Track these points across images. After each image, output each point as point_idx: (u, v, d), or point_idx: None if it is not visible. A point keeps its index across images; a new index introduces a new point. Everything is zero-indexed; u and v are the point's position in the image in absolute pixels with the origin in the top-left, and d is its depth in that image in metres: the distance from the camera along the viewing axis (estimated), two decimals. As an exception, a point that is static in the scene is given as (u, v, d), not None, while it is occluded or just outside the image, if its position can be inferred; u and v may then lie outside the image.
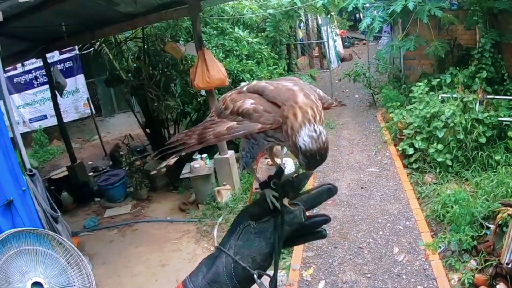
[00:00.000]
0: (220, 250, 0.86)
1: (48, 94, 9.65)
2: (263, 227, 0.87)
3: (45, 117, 12.54)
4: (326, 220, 0.93)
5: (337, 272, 4.73)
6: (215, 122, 0.91)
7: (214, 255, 0.87)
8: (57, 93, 8.25)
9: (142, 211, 7.27)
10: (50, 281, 3.55)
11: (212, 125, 0.89)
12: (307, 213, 0.93)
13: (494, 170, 5.92)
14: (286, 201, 0.89)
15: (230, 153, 6.90)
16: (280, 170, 0.93)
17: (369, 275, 4.60)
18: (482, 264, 4.34)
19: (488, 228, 4.69)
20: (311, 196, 0.92)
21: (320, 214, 0.94)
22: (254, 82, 0.95)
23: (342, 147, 8.48)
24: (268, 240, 0.85)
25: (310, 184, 6.88)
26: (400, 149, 7.23)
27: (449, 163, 6.35)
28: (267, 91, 0.87)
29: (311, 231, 0.93)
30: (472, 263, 4.43)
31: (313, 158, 0.81)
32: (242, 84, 1.00)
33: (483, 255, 4.41)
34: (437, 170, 6.42)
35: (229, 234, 0.88)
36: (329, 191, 0.92)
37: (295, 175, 0.94)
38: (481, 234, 4.70)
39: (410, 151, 6.91)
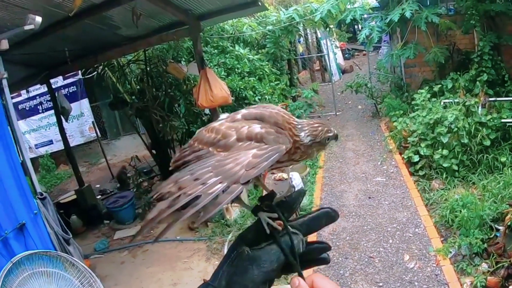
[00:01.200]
0: (207, 285, 0.80)
1: (53, 119, 9.76)
2: (257, 255, 0.80)
3: (51, 142, 12.63)
4: (326, 248, 0.87)
5: (349, 283, 4.72)
6: (223, 157, 0.81)
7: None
8: (62, 118, 8.34)
9: (152, 231, 7.24)
10: (64, 302, 3.58)
11: (226, 160, 0.79)
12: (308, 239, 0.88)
13: (501, 172, 5.92)
14: (279, 225, 0.84)
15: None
16: (271, 193, 0.90)
17: (381, 284, 4.58)
18: (493, 267, 4.32)
19: (497, 230, 4.68)
20: (308, 219, 0.86)
21: (320, 241, 0.89)
22: (241, 111, 0.92)
23: (348, 158, 8.50)
24: (261, 269, 0.79)
25: (317, 197, 6.91)
26: (405, 157, 7.24)
27: (455, 168, 6.35)
28: (266, 116, 0.87)
29: (311, 257, 0.87)
30: (484, 266, 4.41)
31: (317, 130, 0.88)
32: (222, 116, 0.95)
33: (494, 257, 4.40)
34: (444, 176, 6.42)
35: (223, 261, 0.82)
36: (328, 215, 0.87)
37: (288, 194, 0.90)
38: (491, 236, 4.69)
39: (416, 158, 6.91)
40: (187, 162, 0.87)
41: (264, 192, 0.94)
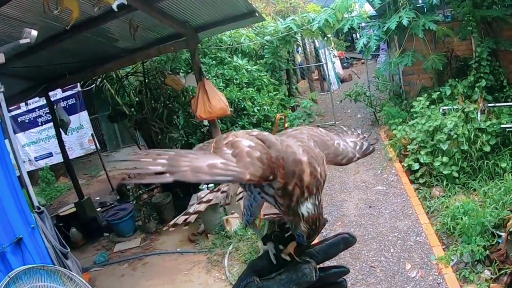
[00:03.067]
0: None
1: (52, 131, 9.75)
2: (266, 285, 0.79)
3: (50, 154, 12.61)
4: (345, 271, 0.83)
5: (351, 293, 4.69)
6: (198, 152, 0.82)
7: None
8: (61, 130, 8.33)
9: (152, 244, 7.25)
10: (61, 317, 3.54)
11: (192, 154, 0.77)
12: (323, 264, 0.84)
13: (501, 178, 5.90)
14: (286, 255, 0.82)
15: (237, 181, 6.88)
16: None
17: (383, 293, 4.55)
18: (496, 273, 4.30)
19: (499, 236, 4.66)
20: (327, 246, 0.83)
21: (338, 265, 0.84)
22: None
23: (348, 168, 8.45)
24: None
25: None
26: (405, 165, 7.21)
27: (456, 174, 6.33)
28: (275, 149, 0.78)
29: (327, 283, 0.83)
30: (486, 273, 4.39)
31: (314, 224, 0.77)
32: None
33: (497, 264, 4.38)
34: (444, 183, 6.39)
35: None
36: (346, 241, 0.83)
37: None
38: (493, 243, 4.67)
39: (416, 166, 6.88)
40: None
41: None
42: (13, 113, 11.74)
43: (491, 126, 6.43)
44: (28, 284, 3.46)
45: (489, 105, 7.07)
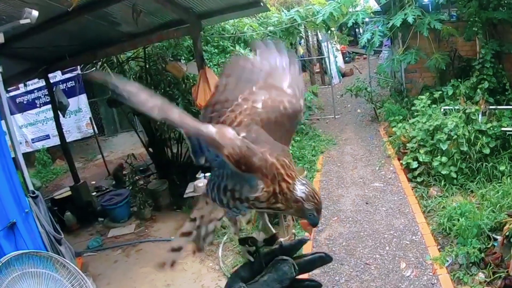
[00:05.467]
0: None
1: (50, 114, 9.69)
2: None
3: (47, 137, 12.54)
4: (317, 286, 0.90)
5: (344, 289, 4.68)
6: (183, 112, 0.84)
7: None
8: (59, 113, 8.27)
9: (146, 230, 7.22)
10: (53, 305, 3.51)
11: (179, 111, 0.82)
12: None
13: (499, 181, 5.89)
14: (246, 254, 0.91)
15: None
16: (274, 236, 0.95)
17: (376, 292, 4.54)
18: (490, 277, 4.30)
19: (495, 239, 4.66)
20: (304, 261, 0.90)
21: (311, 279, 0.92)
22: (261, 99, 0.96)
23: (346, 162, 8.45)
24: None
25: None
26: (404, 163, 7.19)
27: (454, 175, 6.32)
28: (257, 157, 0.84)
29: None
30: (481, 276, 4.38)
31: (314, 198, 0.85)
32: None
33: (491, 267, 4.38)
34: (442, 183, 6.38)
35: None
36: (322, 259, 0.91)
37: (289, 240, 0.94)
38: (489, 246, 4.67)
39: (414, 164, 6.87)
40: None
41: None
42: (12, 94, 11.66)
43: (491, 128, 6.42)
44: (20, 270, 3.42)
45: (491, 107, 7.05)
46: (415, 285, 4.53)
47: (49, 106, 9.58)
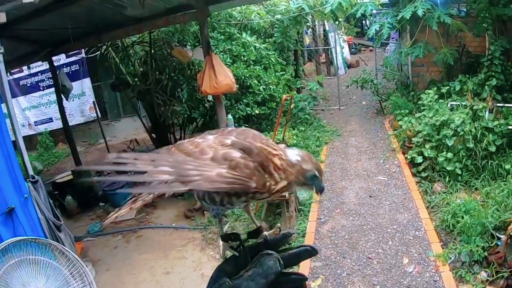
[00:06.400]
0: None
1: (54, 97, 9.65)
2: (237, 284, 0.84)
3: (50, 120, 12.54)
4: (302, 279, 0.90)
5: (346, 284, 4.63)
6: (193, 160, 0.85)
7: None
8: (62, 96, 8.21)
9: (147, 217, 7.19)
10: (52, 293, 3.46)
11: (192, 163, 0.83)
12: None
13: (504, 180, 5.84)
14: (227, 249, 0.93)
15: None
16: (258, 229, 0.95)
17: (378, 287, 4.50)
18: (493, 276, 4.26)
19: (499, 239, 4.60)
20: (289, 255, 0.89)
21: (296, 272, 0.93)
22: (232, 137, 0.93)
23: (350, 154, 8.40)
24: None
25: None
26: (408, 157, 7.13)
27: (459, 172, 6.26)
28: (254, 153, 0.88)
29: (288, 286, 0.90)
30: (483, 274, 4.34)
31: (310, 159, 0.91)
32: (209, 135, 0.96)
33: (494, 266, 4.33)
34: (447, 179, 6.33)
35: None
36: (308, 252, 0.90)
37: (274, 234, 0.95)
38: (492, 245, 4.61)
39: (419, 159, 6.81)
40: None
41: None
42: (15, 76, 11.66)
43: (498, 126, 6.35)
44: (17, 257, 3.37)
45: (498, 104, 6.99)
46: (417, 281, 4.49)
47: (53, 89, 9.54)
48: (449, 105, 7.29)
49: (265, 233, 0.94)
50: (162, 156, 0.87)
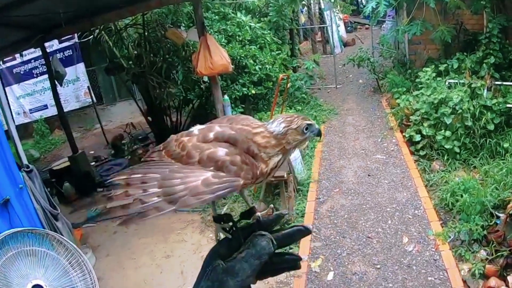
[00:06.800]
0: None
1: (48, 83, 9.53)
2: (230, 266, 0.83)
3: (45, 107, 12.45)
4: (296, 259, 0.90)
5: (346, 263, 4.65)
6: (180, 170, 0.86)
7: None
8: (56, 82, 8.11)
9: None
10: (51, 284, 3.43)
11: (178, 174, 0.84)
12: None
13: (502, 158, 5.84)
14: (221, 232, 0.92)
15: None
16: (251, 210, 0.94)
17: (378, 266, 4.51)
18: (492, 254, 4.26)
19: (498, 217, 4.60)
20: (282, 235, 0.88)
21: (290, 253, 0.93)
22: (216, 128, 0.93)
23: (348, 133, 8.37)
24: (237, 278, 0.82)
25: (315, 172, 6.77)
26: (406, 135, 7.11)
27: (457, 150, 6.25)
28: (239, 141, 0.89)
29: (282, 266, 0.90)
30: (482, 253, 4.35)
31: (296, 118, 0.91)
32: (195, 128, 0.97)
33: (494, 245, 4.34)
34: (445, 157, 6.32)
35: (199, 277, 0.85)
36: (301, 232, 0.90)
37: (267, 215, 0.94)
38: (491, 223, 4.62)
39: (417, 137, 6.80)
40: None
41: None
42: (8, 64, 11.55)
43: (496, 104, 6.31)
44: (15, 249, 3.33)
45: (496, 83, 6.95)
46: (417, 260, 4.50)
47: (46, 75, 9.41)
48: (447, 83, 7.25)
49: (258, 214, 0.93)
50: (151, 171, 0.87)
